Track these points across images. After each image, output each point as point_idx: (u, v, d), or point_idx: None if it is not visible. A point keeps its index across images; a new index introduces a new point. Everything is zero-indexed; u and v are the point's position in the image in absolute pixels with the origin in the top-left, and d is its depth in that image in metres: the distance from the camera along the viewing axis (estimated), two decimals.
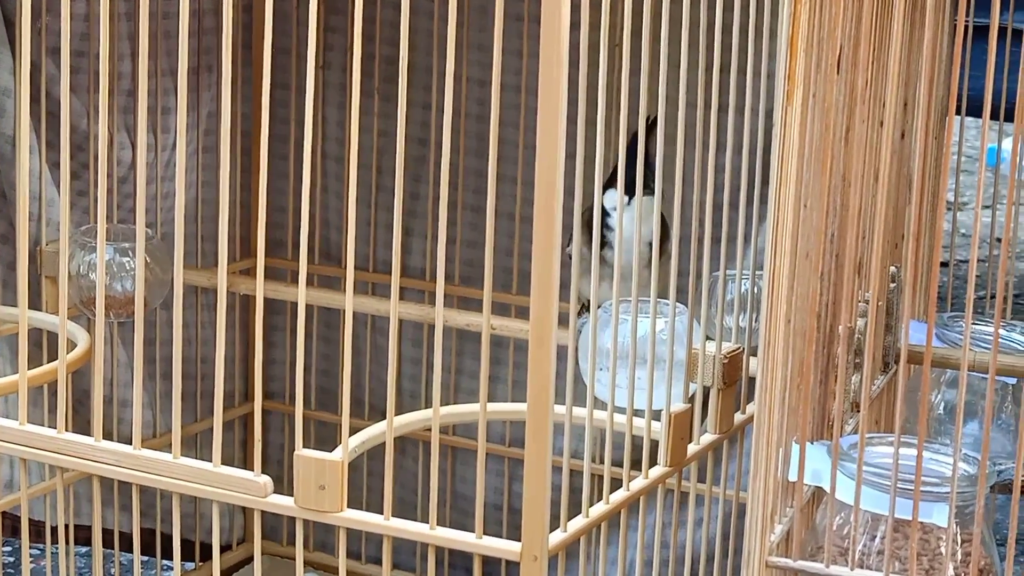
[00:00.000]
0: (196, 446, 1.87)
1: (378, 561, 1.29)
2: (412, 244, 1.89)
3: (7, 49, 1.66)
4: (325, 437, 1.88)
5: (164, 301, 1.71)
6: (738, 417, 1.48)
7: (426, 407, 1.44)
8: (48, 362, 1.59)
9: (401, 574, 1.91)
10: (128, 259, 1.65)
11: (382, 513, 1.25)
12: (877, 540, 1.10)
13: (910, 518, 1.07)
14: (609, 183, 1.35)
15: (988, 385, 1.05)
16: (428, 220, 1.86)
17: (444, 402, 1.79)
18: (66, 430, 1.35)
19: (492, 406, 1.42)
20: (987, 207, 2.63)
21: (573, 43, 1.14)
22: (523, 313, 1.74)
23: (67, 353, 1.37)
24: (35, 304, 1.67)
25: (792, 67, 1.02)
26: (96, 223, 1.32)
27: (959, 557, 1.10)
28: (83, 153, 1.71)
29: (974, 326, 1.42)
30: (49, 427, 1.36)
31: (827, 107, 1.08)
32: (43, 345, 1.70)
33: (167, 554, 1.86)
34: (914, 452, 1.07)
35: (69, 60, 1.29)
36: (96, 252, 1.34)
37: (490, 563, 1.27)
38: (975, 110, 1.69)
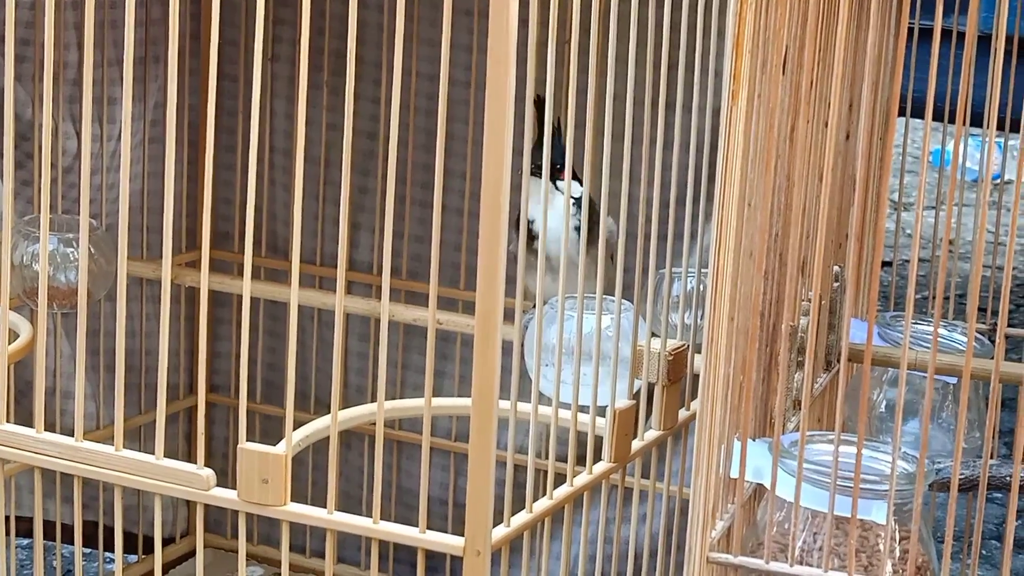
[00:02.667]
0: (140, 438, 1.86)
1: (323, 555, 1.30)
2: (360, 238, 1.89)
3: None
4: (271, 430, 1.87)
5: (109, 292, 1.71)
6: (682, 414, 1.49)
7: (372, 401, 1.44)
8: None
9: (345, 568, 1.92)
10: (72, 250, 1.64)
11: (326, 507, 1.26)
12: (817, 537, 1.11)
13: (849, 515, 1.08)
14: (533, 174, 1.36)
15: (927, 384, 1.06)
16: (376, 214, 1.86)
17: (390, 396, 1.80)
18: (7, 421, 1.34)
19: (437, 401, 1.42)
20: (932, 208, 2.65)
21: (522, 40, 1.15)
22: (470, 308, 1.74)
23: (8, 344, 1.37)
24: None
25: (737, 67, 1.03)
26: (40, 213, 1.31)
27: (897, 554, 1.11)
28: (27, 143, 1.70)
29: (916, 326, 1.44)
30: None
31: (772, 107, 1.09)
32: None
33: (110, 546, 1.85)
34: (854, 450, 1.08)
35: (14, 48, 1.29)
36: (40, 242, 1.34)
37: (435, 557, 1.28)
38: (921, 112, 1.71)
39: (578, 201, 1.49)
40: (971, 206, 3.12)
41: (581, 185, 1.38)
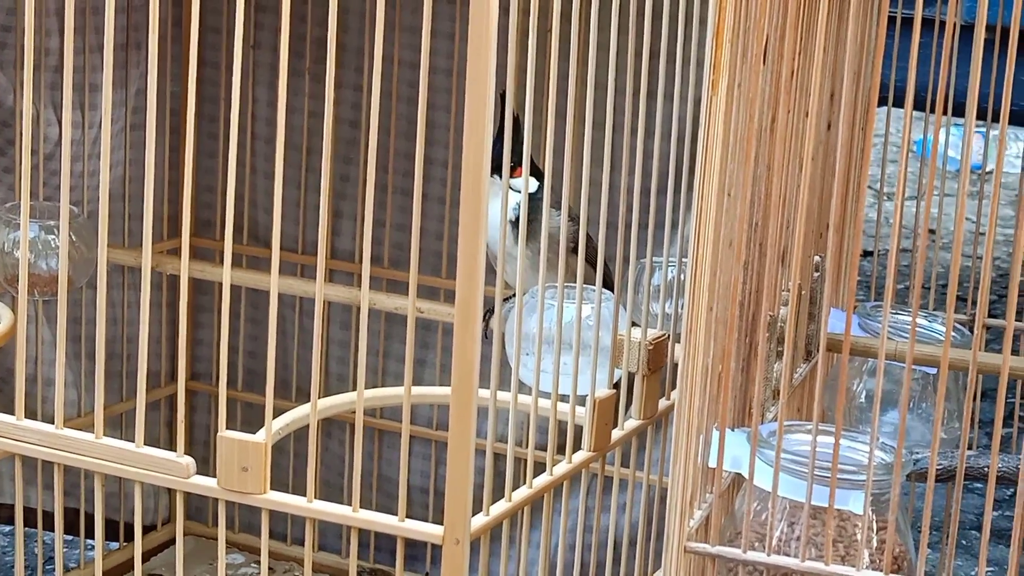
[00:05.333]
0: (121, 426, 1.86)
1: (303, 542, 1.30)
2: (341, 226, 1.89)
3: None
4: (252, 419, 1.87)
5: (90, 280, 1.71)
6: (663, 403, 1.49)
7: (353, 390, 1.44)
8: None
9: (326, 556, 1.92)
10: (53, 237, 1.64)
11: (306, 495, 1.26)
12: (794, 527, 1.11)
13: (827, 505, 1.08)
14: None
15: (905, 374, 1.06)
16: (358, 202, 1.86)
17: (371, 385, 1.80)
18: None
19: (417, 390, 1.42)
20: (914, 198, 2.66)
21: (504, 27, 1.15)
22: (452, 297, 1.74)
23: None
24: None
25: (718, 56, 1.03)
26: (21, 200, 1.31)
27: (875, 544, 1.11)
28: (8, 129, 1.70)
29: (897, 316, 1.44)
30: None
31: (752, 97, 1.09)
32: None
33: (91, 534, 1.85)
34: (832, 440, 1.08)
35: None
36: (20, 229, 1.33)
37: (415, 546, 1.28)
38: (904, 101, 1.71)
39: (532, 196, 1.49)
40: (954, 196, 3.13)
41: (540, 181, 1.38)
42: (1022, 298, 1.94)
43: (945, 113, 1.84)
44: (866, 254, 3.09)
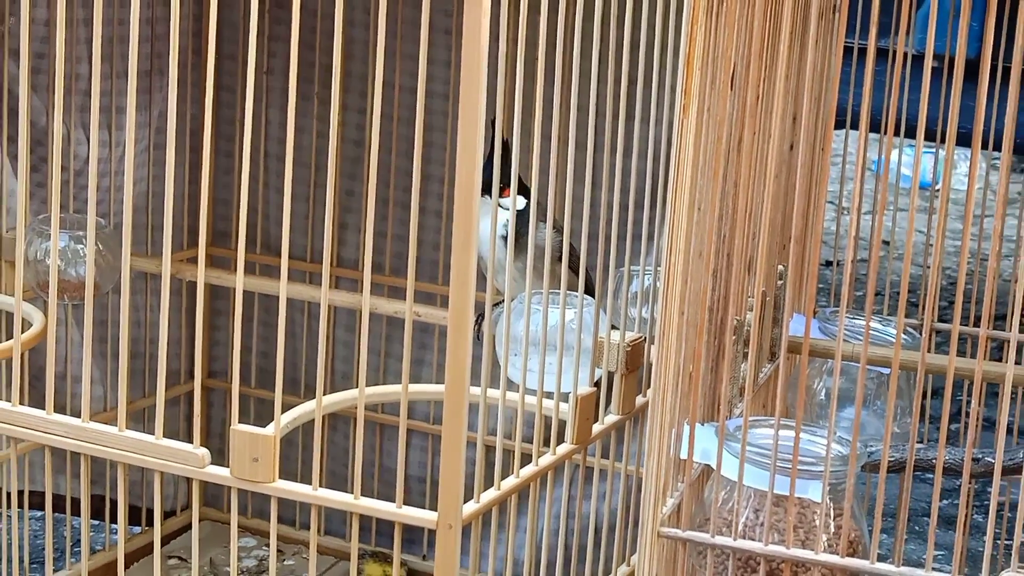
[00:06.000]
0: (143, 419, 1.86)
1: (310, 527, 1.30)
2: (346, 237, 1.89)
3: None
4: (263, 413, 1.87)
5: (115, 286, 1.70)
6: (639, 400, 1.49)
7: (356, 387, 1.44)
8: (6, 340, 1.58)
9: (331, 539, 1.92)
10: (82, 246, 1.64)
11: (312, 484, 1.26)
12: (759, 513, 1.11)
13: (788, 494, 1.08)
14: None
15: (860, 374, 1.06)
16: (361, 215, 1.86)
17: (372, 383, 1.80)
18: (21, 403, 1.34)
19: (414, 387, 1.42)
20: (871, 212, 2.66)
21: (495, 56, 1.15)
22: (447, 302, 1.74)
23: (22, 332, 1.36)
24: None
25: (688, 83, 1.03)
26: (52, 213, 1.31)
27: (832, 529, 1.11)
28: (41, 147, 1.70)
29: (854, 320, 1.44)
30: (5, 400, 1.35)
31: (720, 120, 1.09)
32: (2, 325, 1.69)
33: (115, 519, 1.85)
34: (793, 434, 1.08)
35: (30, 61, 1.29)
36: (51, 239, 1.33)
37: (412, 530, 1.28)
38: (871, 125, 1.72)
39: (521, 213, 1.49)
40: (907, 210, 3.13)
41: (527, 198, 1.38)
42: (968, 304, 1.94)
43: (897, 135, 1.85)
44: (826, 264, 3.09)
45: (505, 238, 1.50)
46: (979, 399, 1.10)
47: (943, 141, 1.87)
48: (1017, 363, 1.37)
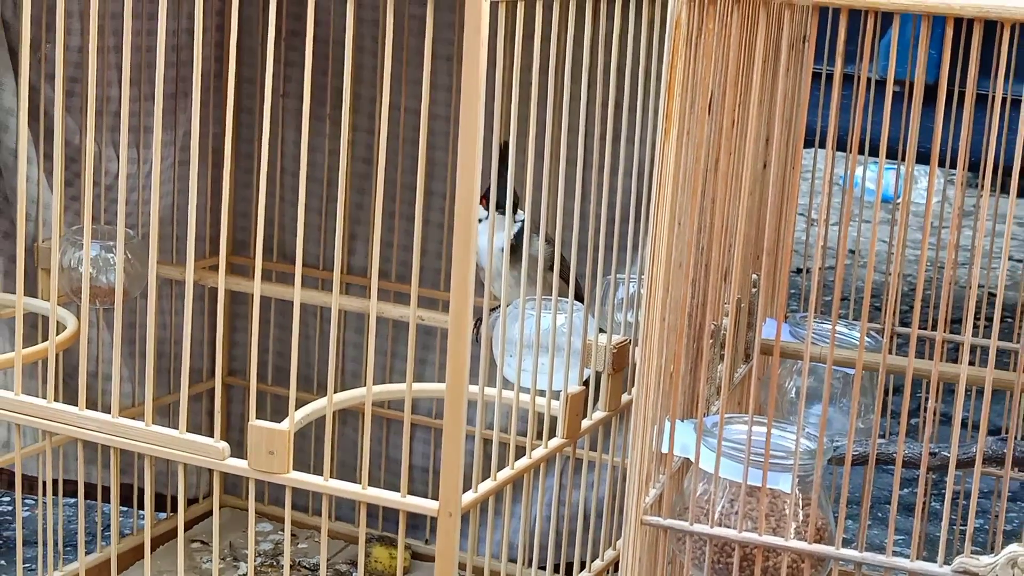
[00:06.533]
0: (168, 415, 1.86)
1: (322, 513, 1.30)
2: (356, 247, 1.89)
3: (11, 74, 1.64)
4: (279, 408, 1.87)
5: (143, 291, 1.70)
6: (625, 397, 1.49)
7: (364, 385, 1.44)
8: (42, 342, 1.58)
9: (341, 524, 1.92)
10: (112, 255, 1.64)
11: (323, 475, 1.25)
12: (733, 503, 1.11)
13: (761, 485, 1.08)
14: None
15: (826, 374, 1.06)
16: (370, 227, 1.86)
17: (380, 381, 1.80)
18: (55, 400, 1.34)
19: (418, 385, 1.42)
20: (838, 224, 2.65)
21: (492, 82, 1.15)
22: (449, 307, 1.75)
23: (57, 335, 1.36)
24: (32, 292, 1.66)
25: (669, 108, 1.03)
26: (84, 224, 1.31)
27: (801, 517, 1.11)
28: (75, 164, 1.70)
29: (822, 324, 1.44)
30: (41, 397, 1.35)
31: (699, 142, 1.09)
32: (39, 327, 1.69)
33: (143, 505, 1.85)
34: (766, 430, 1.08)
35: (64, 85, 1.29)
36: (84, 249, 1.33)
37: (416, 517, 1.28)
38: (834, 143, 1.71)
39: (519, 225, 1.49)
40: (873, 223, 3.13)
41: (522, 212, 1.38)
42: (927, 309, 1.94)
43: (862, 153, 1.85)
44: (797, 271, 3.09)
45: (502, 248, 1.49)
46: (936, 397, 1.10)
47: (904, 159, 1.87)
48: (971, 364, 1.37)
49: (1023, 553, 1.04)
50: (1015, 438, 1.10)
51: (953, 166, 1.88)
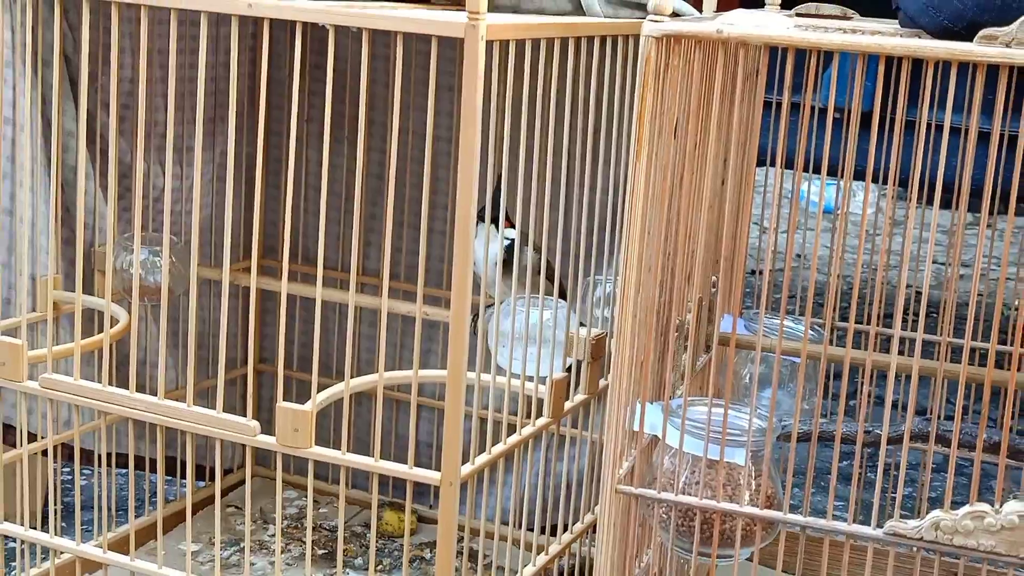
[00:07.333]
0: (208, 397, 1.85)
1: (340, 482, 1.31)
2: (370, 252, 1.89)
3: (72, 102, 1.64)
4: (304, 392, 1.87)
5: (185, 290, 1.70)
6: (602, 383, 1.49)
7: (377, 372, 1.44)
8: (98, 334, 1.58)
9: (357, 492, 1.91)
10: (159, 258, 1.64)
11: (341, 449, 1.25)
12: (695, 474, 1.12)
13: (718, 458, 1.08)
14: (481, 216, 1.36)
15: (775, 363, 1.06)
16: (382, 234, 1.86)
17: (390, 368, 1.80)
18: (109, 384, 1.34)
19: (423, 372, 1.42)
20: (785, 232, 2.65)
21: (487, 109, 1.15)
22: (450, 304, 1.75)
23: (111, 328, 1.36)
24: (89, 291, 1.65)
25: (640, 133, 1.03)
26: (135, 231, 1.31)
27: (753, 487, 1.12)
28: (127, 179, 1.70)
29: (773, 320, 1.44)
30: (97, 381, 1.35)
31: (665, 163, 1.09)
32: (95, 321, 1.68)
33: (185, 475, 1.84)
34: (723, 411, 1.08)
35: (117, 111, 1.29)
36: (134, 253, 1.33)
37: (422, 486, 1.28)
38: (788, 162, 1.71)
39: (511, 240, 1.49)
40: (819, 231, 3.12)
41: (514, 228, 1.39)
42: (863, 305, 1.94)
43: (807, 171, 1.85)
44: (751, 272, 3.09)
45: (496, 262, 1.49)
46: (870, 382, 1.10)
47: (843, 175, 1.87)
48: (900, 353, 1.37)
49: (945, 518, 1.04)
50: (938, 418, 1.11)
51: (885, 182, 1.88)
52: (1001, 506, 1.02)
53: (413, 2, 1.41)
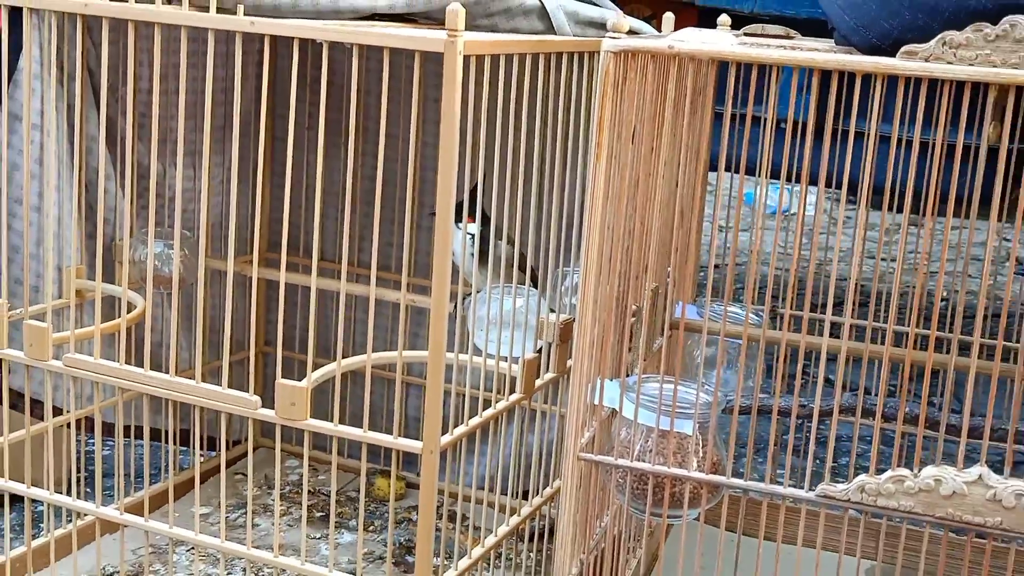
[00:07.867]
0: (218, 375, 1.86)
1: (339, 452, 1.32)
2: (364, 245, 1.89)
3: (94, 110, 1.64)
4: (302, 371, 1.87)
5: (196, 279, 1.70)
6: (569, 363, 1.50)
7: (367, 353, 1.45)
8: (117, 318, 1.58)
9: (348, 460, 1.92)
10: (172, 251, 1.64)
11: (334, 421, 1.26)
12: (649, 442, 1.13)
13: (669, 429, 1.09)
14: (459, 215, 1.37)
15: (720, 344, 1.08)
16: (373, 229, 1.86)
17: (380, 350, 1.81)
18: (127, 363, 1.34)
19: (408, 352, 1.43)
20: (745, 230, 2.66)
21: (466, 116, 1.16)
22: None
23: (128, 313, 1.37)
24: (110, 280, 1.65)
25: (600, 139, 1.04)
26: (150, 226, 1.32)
27: (701, 454, 1.13)
28: (144, 180, 1.70)
29: (719, 307, 1.45)
30: (116, 361, 1.36)
31: (623, 165, 1.10)
32: (115, 307, 1.69)
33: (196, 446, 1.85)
34: (674, 387, 1.09)
35: (135, 119, 1.29)
36: (148, 246, 1.34)
37: (407, 455, 1.28)
38: (734, 167, 1.72)
39: (481, 232, 1.50)
40: (767, 230, 3.14)
41: (486, 225, 1.40)
42: (801, 295, 1.95)
43: (751, 175, 1.86)
44: (704, 268, 3.10)
45: (472, 253, 1.50)
46: (800, 361, 1.11)
47: (798, 181, 1.89)
48: (832, 336, 1.38)
49: (870, 481, 1.06)
50: (866, 393, 1.12)
51: (838, 187, 1.89)
52: (919, 471, 1.03)
53: (404, 22, 1.42)
